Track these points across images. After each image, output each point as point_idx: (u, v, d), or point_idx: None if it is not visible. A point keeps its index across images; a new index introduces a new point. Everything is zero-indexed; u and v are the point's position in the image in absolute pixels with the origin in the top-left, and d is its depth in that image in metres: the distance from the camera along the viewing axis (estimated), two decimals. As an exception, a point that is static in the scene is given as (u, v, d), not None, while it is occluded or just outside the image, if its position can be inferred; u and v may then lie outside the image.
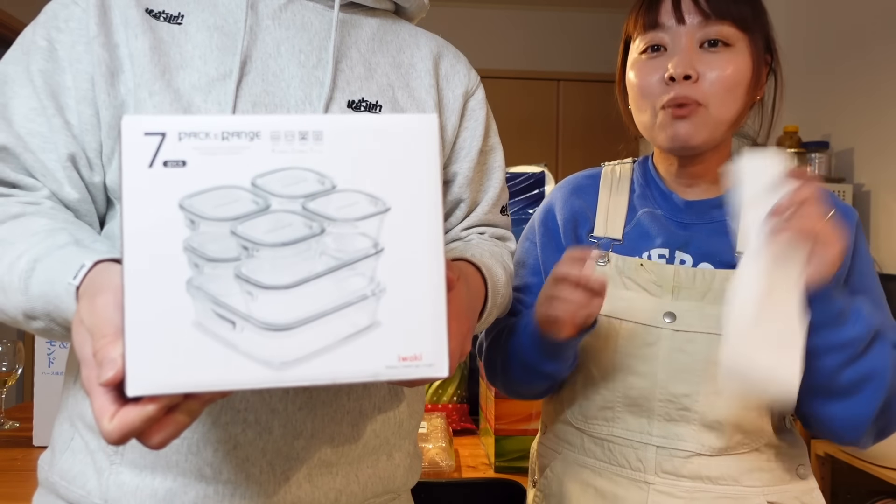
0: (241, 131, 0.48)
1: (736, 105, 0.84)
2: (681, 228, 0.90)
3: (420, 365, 0.51)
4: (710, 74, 0.83)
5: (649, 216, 0.93)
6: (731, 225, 0.86)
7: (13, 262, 0.59)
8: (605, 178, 1.00)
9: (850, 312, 0.75)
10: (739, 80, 0.83)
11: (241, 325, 0.48)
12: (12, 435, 1.44)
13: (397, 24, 0.83)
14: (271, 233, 0.48)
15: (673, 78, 0.83)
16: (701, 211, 0.91)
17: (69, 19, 0.68)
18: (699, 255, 0.88)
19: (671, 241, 0.90)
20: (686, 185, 0.92)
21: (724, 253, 0.86)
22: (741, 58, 0.84)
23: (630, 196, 0.96)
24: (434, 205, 0.51)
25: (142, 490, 0.66)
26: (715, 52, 0.84)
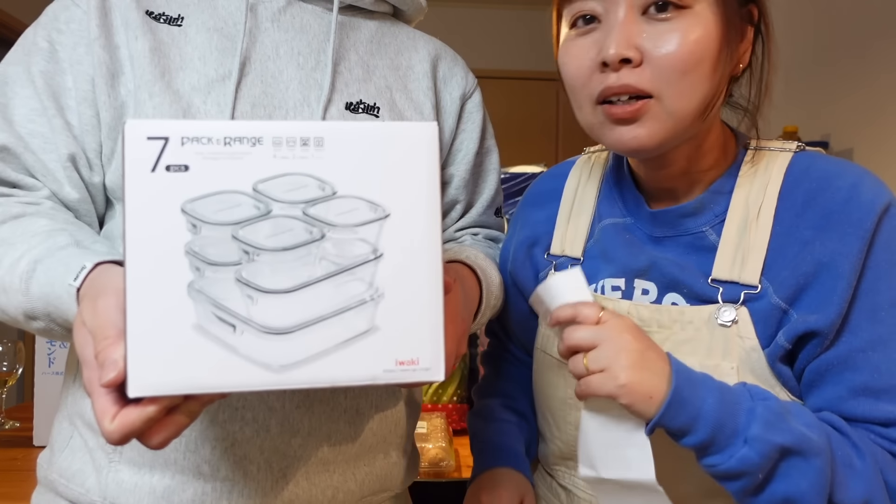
0: (244, 137, 0.49)
1: (701, 88, 0.62)
2: (651, 244, 0.71)
3: (417, 369, 0.52)
4: (659, 52, 0.61)
5: (612, 229, 0.75)
6: (711, 237, 0.68)
7: (14, 263, 0.60)
8: (574, 175, 0.83)
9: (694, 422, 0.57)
10: (702, 55, 0.61)
11: (241, 329, 0.48)
12: (13, 435, 1.44)
13: (395, 26, 0.83)
14: (272, 237, 0.49)
15: (606, 63, 0.62)
16: (671, 221, 0.70)
17: (70, 21, 0.69)
18: (665, 285, 0.69)
19: (629, 265, 0.72)
20: (661, 187, 0.72)
21: (696, 280, 0.67)
22: (702, 23, 0.61)
23: (597, 198, 0.79)
24: (433, 211, 0.52)
25: (140, 488, 0.67)
26: (664, 19, 0.61)
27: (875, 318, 0.60)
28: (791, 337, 0.62)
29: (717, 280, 0.66)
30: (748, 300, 0.64)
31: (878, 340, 0.60)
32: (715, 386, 0.59)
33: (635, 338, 0.59)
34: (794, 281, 0.62)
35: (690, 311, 0.66)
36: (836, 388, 0.62)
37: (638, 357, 0.58)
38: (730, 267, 0.65)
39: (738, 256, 0.65)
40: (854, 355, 0.61)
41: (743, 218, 0.66)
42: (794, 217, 0.64)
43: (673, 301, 0.69)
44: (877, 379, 0.60)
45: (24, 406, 1.68)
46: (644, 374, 0.57)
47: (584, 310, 0.60)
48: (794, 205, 0.64)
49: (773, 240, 0.64)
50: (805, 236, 0.63)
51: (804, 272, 0.62)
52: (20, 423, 1.49)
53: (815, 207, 0.63)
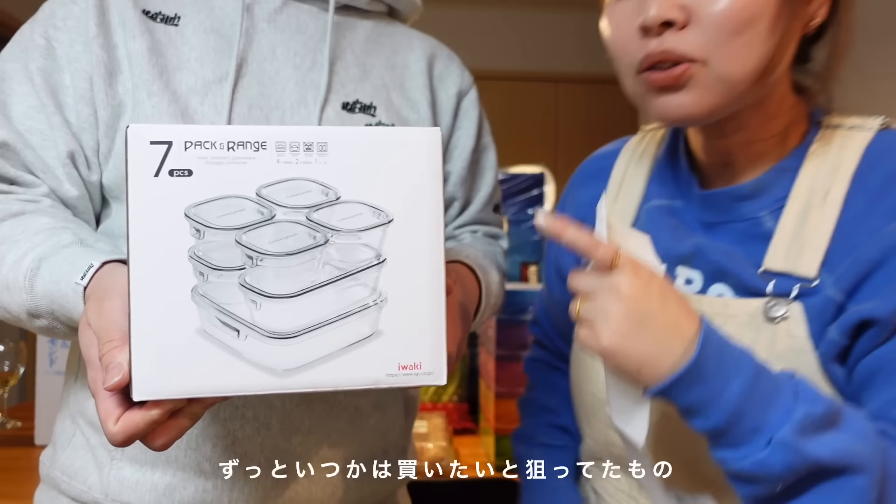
0: (247, 141, 0.49)
1: (758, 49, 0.55)
2: (701, 230, 0.65)
3: (419, 373, 0.52)
4: (707, 10, 0.55)
5: (658, 211, 0.69)
6: (768, 224, 0.61)
7: (17, 261, 0.60)
8: (625, 154, 0.76)
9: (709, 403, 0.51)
10: (758, 11, 0.54)
11: (244, 333, 0.49)
12: (14, 434, 1.44)
13: (391, 25, 0.83)
14: (276, 242, 0.49)
15: (647, 27, 0.56)
16: (725, 205, 0.64)
17: (67, 18, 0.69)
18: (711, 273, 0.63)
19: (671, 250, 0.64)
20: (721, 163, 0.65)
21: (745, 270, 0.60)
22: None
23: (648, 179, 0.72)
24: (436, 217, 0.52)
25: (142, 485, 0.67)
26: None
27: None
28: (846, 328, 0.55)
29: (770, 271, 0.59)
30: (803, 294, 0.57)
31: None
32: (751, 369, 0.51)
33: (641, 297, 0.51)
34: (856, 270, 0.55)
35: (735, 304, 0.59)
36: (889, 390, 0.53)
37: (632, 321, 0.50)
38: (784, 256, 0.58)
39: (794, 245, 0.58)
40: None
41: (806, 203, 0.58)
42: (867, 203, 0.56)
43: (719, 293, 0.62)
44: None
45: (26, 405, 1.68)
46: (635, 342, 0.50)
47: (599, 248, 0.52)
48: (868, 189, 0.56)
49: (838, 228, 0.56)
50: (877, 224, 0.55)
51: (869, 258, 0.54)
52: (22, 423, 1.49)
53: (892, 191, 0.55)
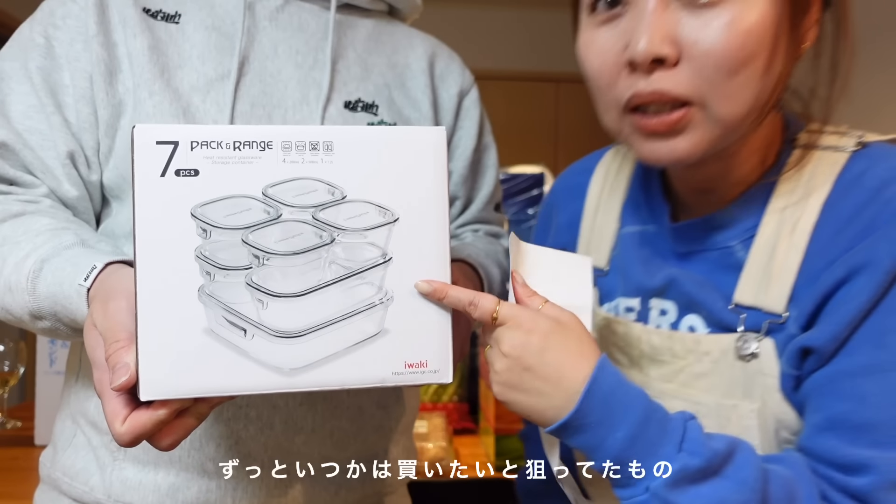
0: (253, 141, 0.49)
1: (754, 87, 0.51)
2: (674, 259, 0.62)
3: (426, 371, 0.52)
4: (702, 48, 0.50)
5: (631, 239, 0.66)
6: (739, 254, 0.58)
7: (19, 263, 0.60)
8: (600, 172, 0.72)
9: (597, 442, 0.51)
10: (756, 48, 0.50)
11: (251, 332, 0.49)
12: (14, 434, 1.44)
13: (392, 24, 0.83)
14: (282, 242, 0.49)
15: (635, 62, 0.51)
16: (696, 235, 0.61)
17: (67, 17, 0.68)
18: (684, 305, 0.61)
19: (644, 284, 0.63)
20: (698, 190, 0.62)
21: (716, 303, 0.58)
22: (756, 5, 0.50)
23: (624, 200, 0.69)
24: (441, 215, 0.52)
25: (145, 485, 0.67)
26: (708, 4, 0.50)
27: (880, 341, 0.50)
28: (791, 358, 0.54)
29: (741, 305, 0.56)
30: (772, 330, 0.55)
31: (876, 367, 0.50)
32: (638, 418, 0.50)
33: (518, 355, 0.51)
34: (811, 304, 0.53)
35: (707, 341, 0.57)
36: (813, 415, 0.52)
37: (512, 375, 0.51)
38: (755, 291, 0.56)
39: (763, 279, 0.56)
40: (842, 380, 0.51)
41: (775, 233, 0.56)
42: (833, 235, 0.53)
43: (691, 325, 0.60)
44: (860, 411, 0.50)
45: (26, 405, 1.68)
46: (515, 395, 0.52)
47: (478, 308, 0.52)
48: (836, 220, 0.53)
49: (805, 261, 0.54)
50: (835, 256, 0.52)
51: (821, 293, 0.52)
52: (22, 423, 1.49)
53: (858, 223, 0.52)
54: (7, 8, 3.16)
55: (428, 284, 0.52)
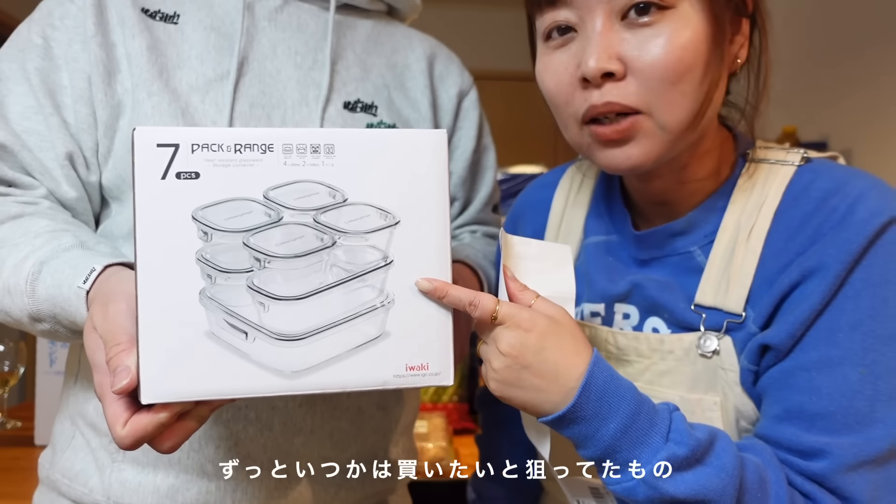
0: (254, 144, 0.49)
1: (694, 96, 0.57)
2: (636, 266, 0.67)
3: (427, 374, 0.52)
4: (644, 61, 0.55)
5: (594, 249, 0.70)
6: (699, 258, 0.63)
7: (18, 265, 0.60)
8: (564, 186, 0.76)
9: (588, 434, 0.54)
10: (693, 60, 0.56)
11: (253, 335, 0.49)
12: (14, 434, 1.44)
13: (391, 25, 0.83)
14: (283, 245, 0.49)
15: (587, 78, 0.57)
16: (657, 242, 0.65)
17: (65, 17, 0.68)
18: (646, 308, 0.65)
19: (608, 291, 0.67)
20: (655, 202, 0.66)
21: (678, 304, 0.62)
22: (690, 23, 0.55)
23: (587, 213, 0.73)
24: (442, 218, 0.52)
25: (144, 487, 0.67)
26: (647, 23, 0.55)
27: (831, 338, 0.54)
28: (750, 355, 0.58)
29: (701, 306, 0.61)
30: (731, 329, 0.60)
31: (827, 362, 0.54)
32: (629, 411, 0.53)
33: (517, 353, 0.53)
34: (768, 305, 0.58)
35: (670, 340, 0.62)
36: (771, 407, 0.57)
37: (511, 373, 0.54)
38: (714, 292, 0.61)
39: (722, 281, 0.60)
40: (797, 374, 0.55)
41: (732, 239, 0.61)
42: (785, 241, 0.58)
43: (654, 327, 0.64)
44: (814, 402, 0.54)
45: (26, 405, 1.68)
46: (514, 391, 0.54)
47: (478, 307, 0.54)
48: (787, 227, 0.58)
49: (761, 264, 0.59)
50: (789, 261, 0.57)
51: (778, 293, 0.57)
52: (22, 423, 1.49)
53: (808, 230, 0.57)
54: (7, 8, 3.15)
55: (429, 283, 0.53)
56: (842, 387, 0.54)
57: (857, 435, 0.53)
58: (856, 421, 0.53)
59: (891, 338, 0.54)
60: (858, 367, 0.54)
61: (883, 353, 0.54)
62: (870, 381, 0.53)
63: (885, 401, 0.53)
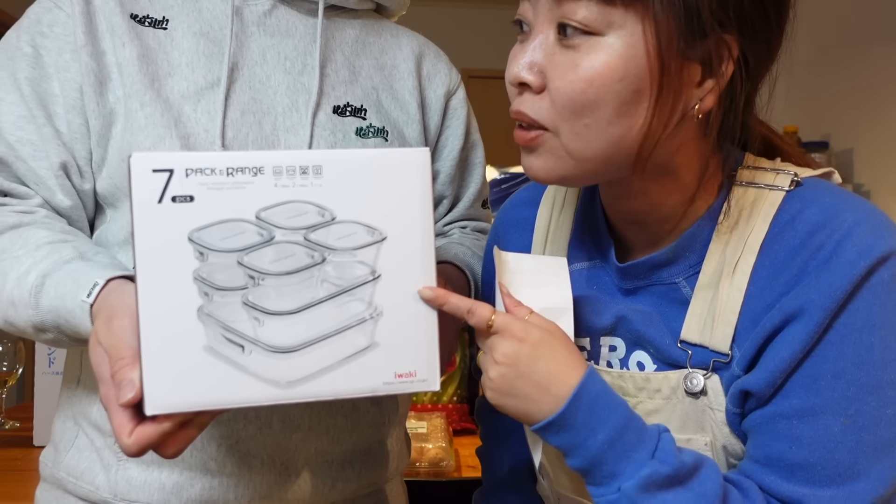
0: (245, 167, 0.51)
1: (604, 134, 0.54)
2: (621, 295, 0.64)
3: (415, 381, 0.55)
4: (553, 84, 0.54)
5: (580, 278, 0.67)
6: (684, 290, 0.60)
7: (21, 277, 0.62)
8: (546, 205, 0.73)
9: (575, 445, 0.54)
10: (599, 97, 0.53)
11: (249, 349, 0.51)
12: (13, 435, 1.44)
13: (379, 23, 0.84)
14: (276, 262, 0.52)
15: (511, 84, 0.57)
16: (642, 273, 0.62)
17: (54, 24, 0.68)
18: (631, 341, 0.63)
19: (593, 325, 0.65)
20: (631, 222, 0.64)
21: (663, 340, 0.60)
22: (607, 58, 0.52)
23: (570, 238, 0.70)
24: (426, 232, 0.55)
25: (150, 484, 0.69)
26: (571, 46, 0.53)
27: (812, 386, 0.52)
28: (733, 398, 0.56)
29: (687, 342, 0.59)
30: (718, 368, 0.57)
31: (808, 411, 0.52)
32: (618, 425, 0.53)
33: (511, 363, 0.54)
34: (751, 349, 0.55)
35: (656, 379, 0.59)
36: (754, 450, 0.56)
37: (505, 382, 0.55)
38: (700, 329, 0.58)
39: (708, 318, 0.58)
40: (778, 421, 0.54)
41: (717, 273, 0.58)
42: (769, 278, 0.55)
43: (639, 360, 0.62)
44: (795, 452, 0.52)
45: (25, 406, 1.69)
46: (508, 400, 0.55)
47: (474, 315, 0.56)
48: (772, 263, 0.56)
49: (746, 302, 0.56)
50: (773, 300, 0.55)
51: (760, 337, 0.55)
52: (20, 423, 1.49)
53: (792, 268, 0.54)
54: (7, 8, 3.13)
55: (431, 291, 0.55)
56: (823, 437, 0.52)
57: (839, 488, 0.51)
58: (837, 473, 0.51)
59: (876, 387, 0.51)
60: (841, 417, 0.51)
61: (867, 402, 0.51)
62: (852, 432, 0.51)
63: (868, 453, 0.51)
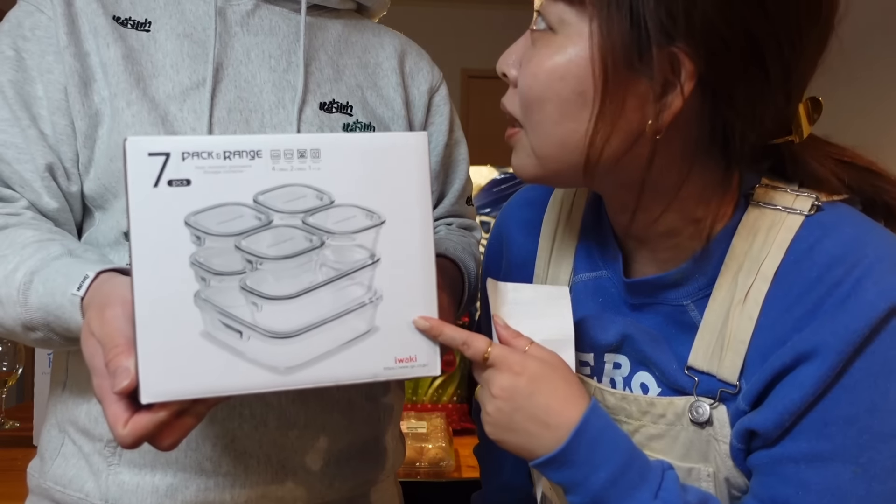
0: (243, 150, 0.51)
1: (556, 131, 0.52)
2: (627, 309, 0.62)
3: (415, 366, 0.55)
4: (520, 78, 0.54)
5: (584, 289, 0.65)
6: (692, 313, 0.58)
7: (8, 276, 0.61)
8: (553, 208, 0.70)
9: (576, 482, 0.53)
10: (543, 93, 0.52)
11: (247, 334, 0.51)
12: (12, 435, 1.44)
13: (361, 23, 0.84)
14: (274, 246, 0.51)
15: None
16: (649, 291, 0.60)
17: (35, 27, 0.68)
18: (636, 360, 0.61)
19: (598, 341, 0.62)
20: (633, 237, 0.61)
21: (669, 364, 0.58)
22: (556, 54, 0.51)
23: (577, 246, 0.67)
24: (425, 216, 0.54)
25: (142, 488, 0.68)
26: (535, 40, 0.54)
27: (823, 431, 0.50)
28: (738, 435, 0.54)
29: (694, 369, 0.56)
30: (725, 398, 0.55)
31: (817, 456, 0.50)
32: (621, 462, 0.52)
33: (508, 396, 0.54)
34: (759, 384, 0.53)
35: (661, 404, 0.57)
36: (759, 489, 0.54)
37: (503, 415, 0.54)
38: (707, 357, 0.56)
39: (717, 346, 0.55)
40: (785, 464, 0.52)
41: (728, 299, 0.55)
42: (783, 311, 0.53)
43: (643, 381, 0.60)
44: (802, 497, 0.50)
45: (24, 406, 1.68)
46: (506, 434, 0.54)
47: (470, 347, 0.55)
48: (787, 294, 0.53)
49: (756, 334, 0.54)
50: (785, 336, 0.52)
51: (770, 374, 0.53)
52: (20, 423, 1.49)
53: (807, 302, 0.51)
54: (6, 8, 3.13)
55: (426, 321, 0.54)
56: (832, 485, 0.50)
57: None
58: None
59: (890, 436, 0.49)
60: (852, 465, 0.49)
61: (880, 451, 0.49)
62: (863, 481, 0.49)
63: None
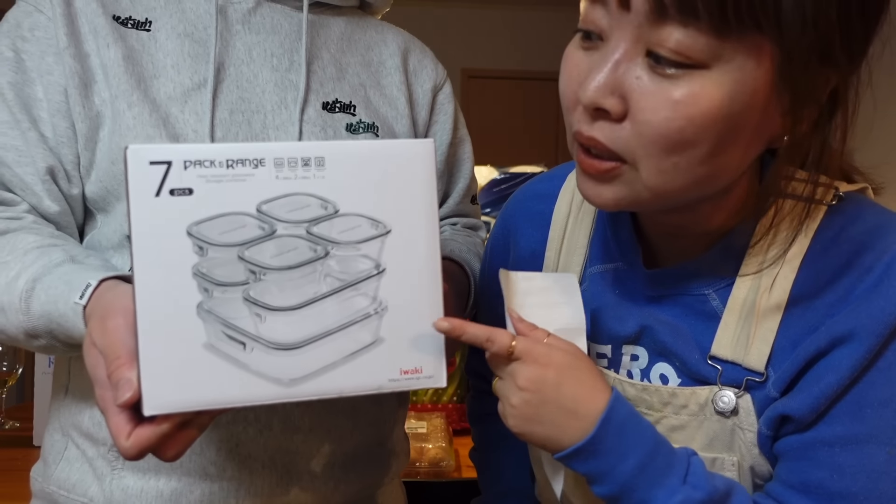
0: (246, 159, 0.50)
1: (692, 172, 0.49)
2: (645, 301, 0.61)
3: (421, 377, 0.54)
4: (642, 116, 0.48)
5: (601, 280, 0.64)
6: (714, 303, 0.57)
7: (10, 283, 0.60)
8: (564, 199, 0.69)
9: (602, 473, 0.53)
10: (700, 136, 0.47)
11: (251, 346, 0.50)
12: (13, 435, 1.44)
13: (363, 20, 0.83)
14: (277, 257, 0.50)
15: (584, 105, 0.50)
16: (670, 282, 0.59)
17: (34, 28, 0.67)
18: (655, 351, 0.60)
19: (616, 332, 0.62)
20: (667, 234, 0.60)
21: (691, 354, 0.57)
22: (715, 94, 0.46)
23: (591, 234, 0.66)
24: (431, 225, 0.53)
25: (147, 492, 0.68)
26: (668, 74, 0.47)
27: (858, 414, 0.50)
28: (769, 422, 0.54)
29: (717, 358, 0.56)
30: (751, 387, 0.55)
31: (853, 439, 0.50)
32: (648, 449, 0.52)
33: (535, 388, 0.53)
34: (791, 371, 0.53)
35: (684, 394, 0.57)
36: (788, 474, 0.54)
37: (530, 408, 0.53)
38: (732, 346, 0.55)
39: (742, 335, 0.55)
40: (818, 448, 0.52)
41: (753, 287, 0.55)
42: (813, 298, 0.53)
43: (662, 372, 0.59)
44: (836, 480, 0.51)
45: (25, 406, 1.68)
46: (533, 427, 0.54)
47: (495, 343, 0.54)
48: (816, 282, 0.53)
49: (785, 321, 0.53)
50: (816, 322, 0.52)
51: (803, 360, 0.52)
52: (20, 423, 1.49)
53: (838, 289, 0.52)
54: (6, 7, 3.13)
55: (448, 322, 0.54)
56: (867, 466, 0.50)
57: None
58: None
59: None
60: (886, 446, 0.50)
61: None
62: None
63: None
